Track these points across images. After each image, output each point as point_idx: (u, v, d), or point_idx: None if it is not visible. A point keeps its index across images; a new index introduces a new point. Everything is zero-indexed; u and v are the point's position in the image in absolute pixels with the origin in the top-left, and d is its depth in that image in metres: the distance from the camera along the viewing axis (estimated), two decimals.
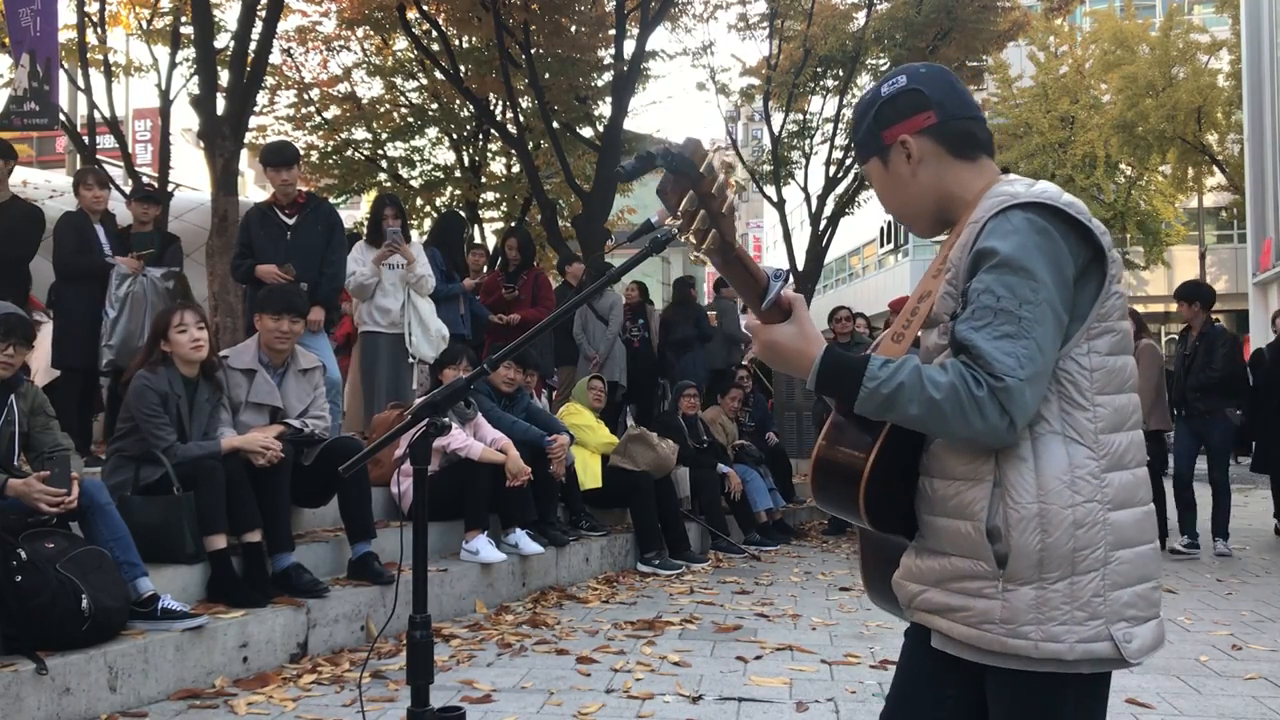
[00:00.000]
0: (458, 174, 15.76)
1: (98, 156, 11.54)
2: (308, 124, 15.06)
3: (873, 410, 1.46)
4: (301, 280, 5.59)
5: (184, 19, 11.23)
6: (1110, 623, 1.44)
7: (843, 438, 1.56)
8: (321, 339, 5.78)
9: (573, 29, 12.36)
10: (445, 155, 16.43)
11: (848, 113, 16.45)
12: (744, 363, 9.23)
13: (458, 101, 14.23)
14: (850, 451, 1.54)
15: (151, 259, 6.00)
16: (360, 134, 15.50)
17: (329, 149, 15.39)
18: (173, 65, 11.78)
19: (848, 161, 16.52)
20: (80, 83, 11.42)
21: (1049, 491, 1.44)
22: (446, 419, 1.98)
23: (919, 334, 1.60)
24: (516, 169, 15.07)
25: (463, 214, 12.90)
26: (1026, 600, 1.44)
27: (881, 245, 35.77)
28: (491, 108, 13.59)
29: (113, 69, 12.26)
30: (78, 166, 12.03)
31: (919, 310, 1.58)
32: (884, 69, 15.69)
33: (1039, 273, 1.41)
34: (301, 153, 15.16)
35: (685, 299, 9.75)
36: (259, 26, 7.68)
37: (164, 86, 11.79)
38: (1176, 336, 8.72)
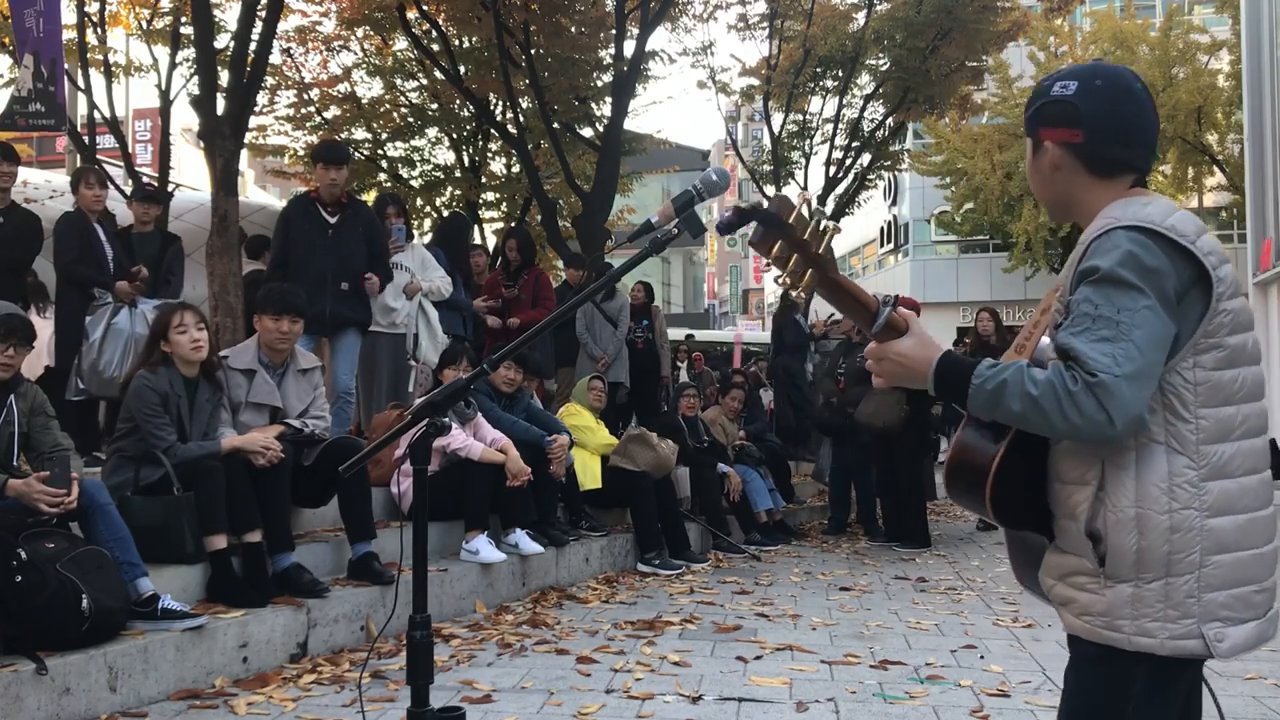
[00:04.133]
0: (458, 174, 15.73)
1: (98, 156, 11.52)
2: (308, 124, 15.05)
3: (982, 406, 1.56)
4: (344, 281, 5.68)
5: (184, 19, 11.21)
6: (1203, 622, 1.53)
7: (974, 441, 1.68)
8: (354, 341, 5.83)
9: (573, 29, 12.33)
10: (445, 155, 16.42)
11: (848, 113, 16.47)
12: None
13: (458, 101, 14.20)
14: (978, 454, 1.65)
15: (148, 286, 6.02)
16: (360, 134, 15.47)
17: None
18: (173, 65, 11.76)
19: (848, 161, 16.52)
20: (80, 83, 11.41)
21: (1147, 498, 1.53)
22: (446, 419, 1.99)
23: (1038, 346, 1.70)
24: (516, 169, 15.04)
25: (465, 215, 12.88)
26: (1124, 597, 1.55)
27: (881, 245, 35.76)
28: (491, 108, 13.58)
29: (113, 69, 12.24)
30: (78, 166, 12.01)
31: (1041, 322, 1.69)
32: (884, 69, 15.69)
33: (1138, 285, 1.49)
34: (301, 152, 15.26)
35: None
36: (259, 27, 7.66)
37: (164, 86, 11.77)
38: None
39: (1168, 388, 1.54)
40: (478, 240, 13.72)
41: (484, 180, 15.73)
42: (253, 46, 7.68)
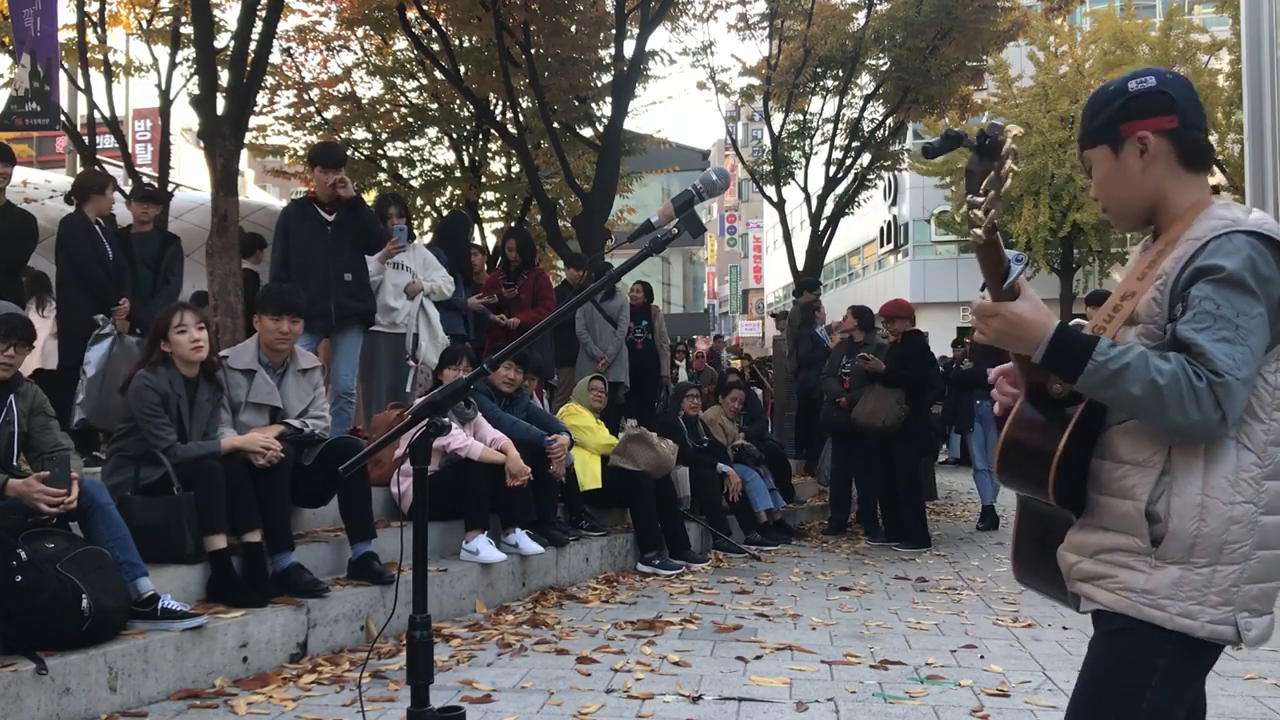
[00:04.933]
0: (458, 174, 15.73)
1: (98, 157, 11.52)
2: (308, 124, 15.04)
3: (1095, 385, 1.57)
4: (347, 273, 5.74)
5: (184, 19, 11.21)
6: (1238, 611, 1.59)
7: (1034, 424, 1.74)
8: (356, 341, 5.83)
9: (573, 29, 12.33)
10: (445, 155, 16.42)
11: (848, 113, 16.46)
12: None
13: (458, 101, 14.20)
14: (1041, 436, 1.71)
15: (146, 287, 6.05)
16: (360, 134, 15.47)
17: None
18: (173, 65, 11.77)
19: (848, 161, 16.51)
20: (80, 83, 11.41)
21: (1214, 488, 1.59)
22: (446, 419, 1.99)
23: (1118, 331, 1.72)
24: (516, 169, 15.05)
25: (465, 214, 12.88)
26: (1170, 578, 1.60)
27: (881, 245, 35.76)
28: (491, 108, 13.58)
29: (113, 69, 12.25)
30: (78, 166, 12.03)
31: (1121, 308, 1.72)
32: (884, 69, 15.69)
33: (1255, 291, 1.55)
34: (301, 152, 15.26)
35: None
36: (259, 26, 7.66)
37: (164, 86, 11.77)
38: None
39: None
40: (477, 240, 13.73)
41: (484, 180, 15.73)
42: (253, 46, 7.68)
